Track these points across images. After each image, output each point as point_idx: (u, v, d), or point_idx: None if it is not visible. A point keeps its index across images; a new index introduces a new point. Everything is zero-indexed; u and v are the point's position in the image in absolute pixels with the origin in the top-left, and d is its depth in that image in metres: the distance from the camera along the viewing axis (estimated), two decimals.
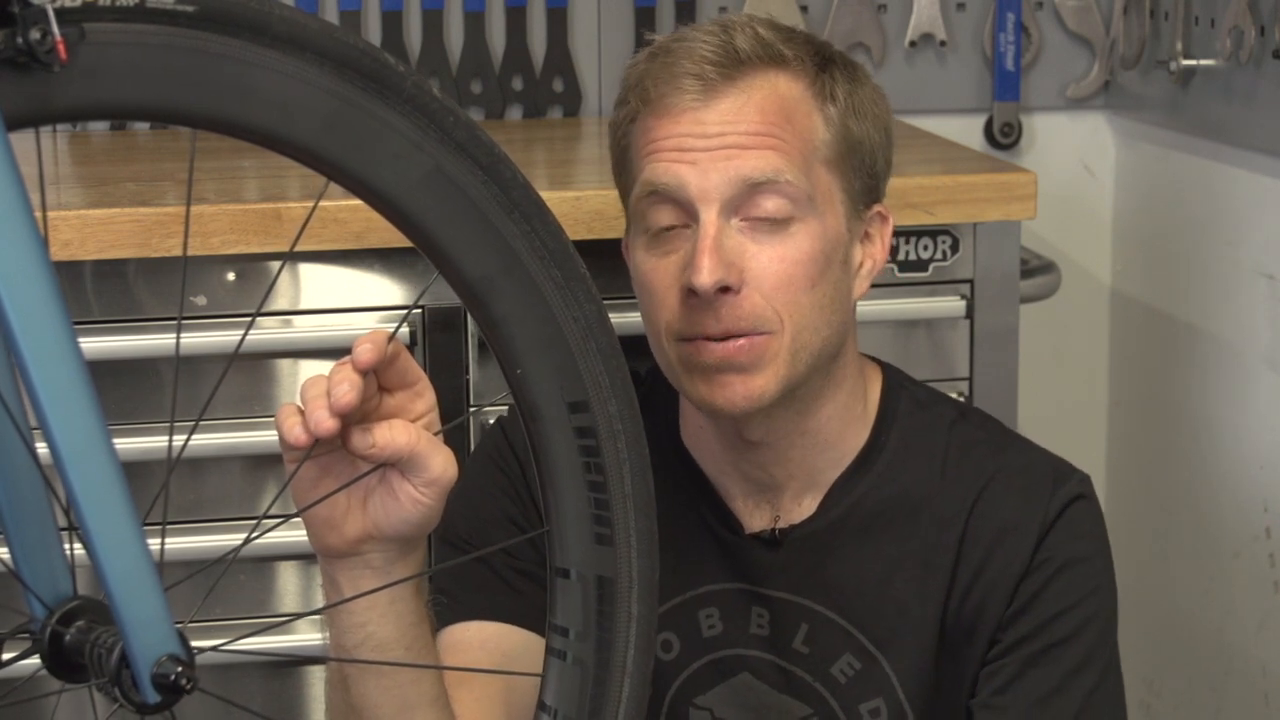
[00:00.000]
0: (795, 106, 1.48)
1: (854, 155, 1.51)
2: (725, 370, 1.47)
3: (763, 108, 1.47)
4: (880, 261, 1.56)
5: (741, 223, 1.46)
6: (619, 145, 1.53)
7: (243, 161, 2.04)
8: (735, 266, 1.45)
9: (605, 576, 1.17)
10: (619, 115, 1.53)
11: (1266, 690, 2.29)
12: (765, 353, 1.46)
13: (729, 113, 1.46)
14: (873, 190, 1.54)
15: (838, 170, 1.50)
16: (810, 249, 1.47)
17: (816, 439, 1.56)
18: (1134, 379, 2.63)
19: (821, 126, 1.49)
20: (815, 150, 1.48)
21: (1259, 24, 2.19)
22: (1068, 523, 1.54)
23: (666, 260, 1.48)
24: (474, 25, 2.46)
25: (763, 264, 1.46)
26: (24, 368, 0.90)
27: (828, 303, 1.49)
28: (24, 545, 0.98)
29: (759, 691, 1.59)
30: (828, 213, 1.49)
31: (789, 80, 1.49)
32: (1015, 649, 1.53)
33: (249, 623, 1.87)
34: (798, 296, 1.46)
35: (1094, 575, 1.55)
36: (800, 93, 1.49)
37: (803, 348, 1.48)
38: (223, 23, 0.96)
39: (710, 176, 1.45)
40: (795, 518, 1.57)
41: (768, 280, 1.46)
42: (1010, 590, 1.53)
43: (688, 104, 1.47)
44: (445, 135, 1.06)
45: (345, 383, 1.19)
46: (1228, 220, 2.36)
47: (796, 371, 1.48)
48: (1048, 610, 1.53)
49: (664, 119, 1.48)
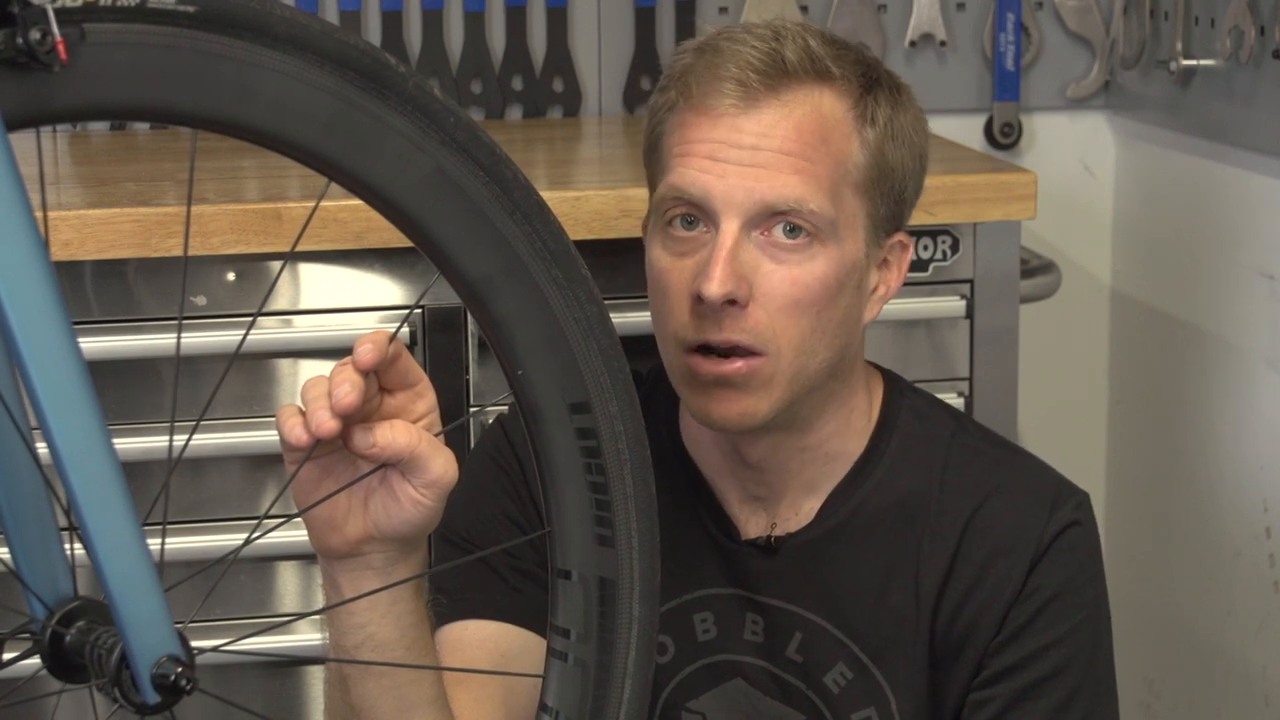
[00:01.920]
0: (834, 127, 1.46)
1: (885, 181, 1.49)
2: (720, 386, 1.46)
3: (801, 125, 1.45)
4: (894, 289, 1.54)
5: (761, 237, 1.45)
6: (654, 131, 1.52)
7: (243, 161, 2.04)
8: (746, 280, 1.44)
9: (606, 578, 1.16)
10: (658, 101, 1.51)
11: (1266, 690, 2.29)
12: (760, 374, 1.46)
13: (767, 125, 1.45)
14: (897, 217, 1.52)
15: (866, 195, 1.48)
16: (825, 274, 1.46)
17: (816, 454, 1.55)
18: (1134, 379, 2.63)
19: (858, 149, 1.47)
20: (846, 174, 1.47)
21: (1259, 24, 2.19)
22: (1061, 550, 1.53)
23: (682, 263, 1.47)
24: (474, 25, 2.46)
25: (774, 283, 1.45)
26: (24, 368, 0.90)
27: (833, 327, 1.48)
28: (24, 545, 0.98)
29: (752, 697, 1.59)
30: (849, 238, 1.47)
31: (833, 99, 1.47)
32: (1003, 679, 1.52)
33: (249, 623, 1.87)
34: (801, 320, 1.46)
35: (1084, 605, 1.54)
36: (842, 113, 1.47)
37: (800, 371, 1.47)
38: (223, 23, 0.96)
39: (735, 191, 1.44)
40: (792, 525, 1.57)
41: (776, 300, 1.45)
42: (1000, 615, 1.53)
43: (726, 108, 1.45)
44: (446, 136, 1.05)
45: (347, 383, 1.18)
46: (1228, 220, 2.36)
47: (792, 393, 1.48)
48: (1036, 642, 1.52)
49: (701, 119, 1.46)
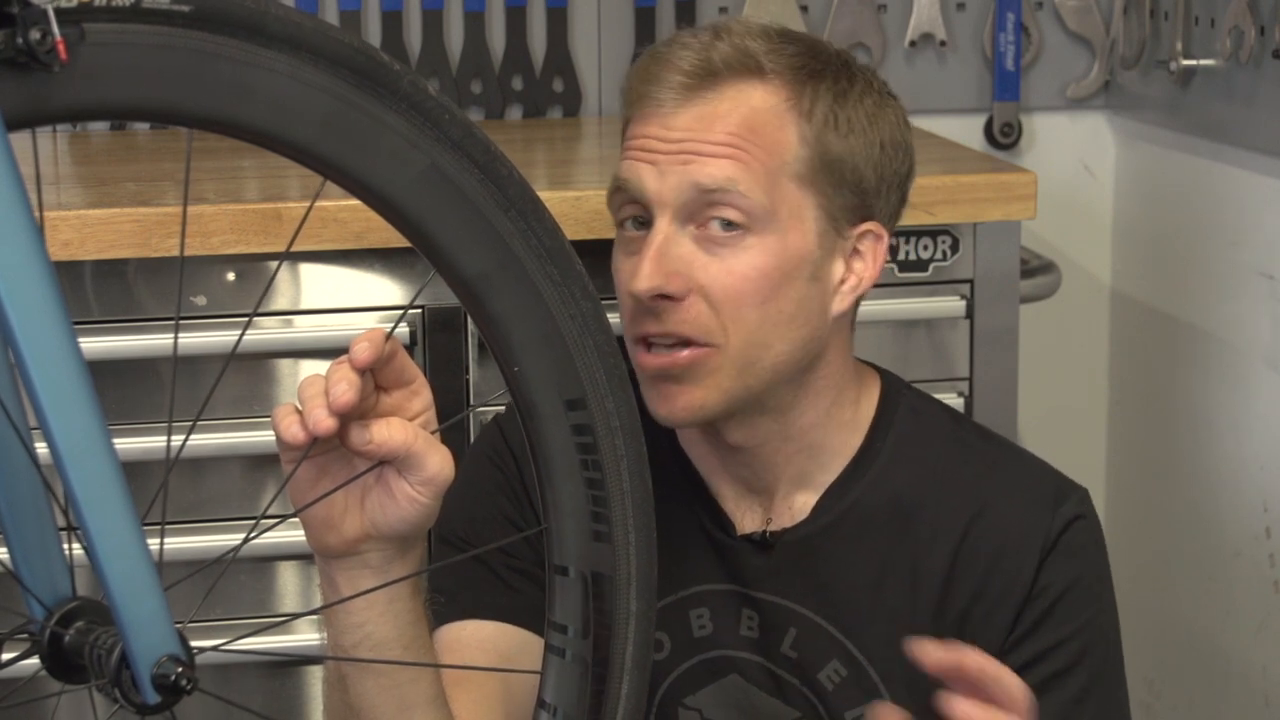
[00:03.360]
0: (765, 119, 1.47)
1: (831, 172, 1.49)
2: (664, 380, 1.47)
3: (728, 118, 1.46)
4: (869, 279, 1.53)
5: (697, 231, 1.46)
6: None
7: (243, 161, 2.05)
8: (679, 275, 1.45)
9: (603, 573, 1.17)
10: (622, 113, 1.55)
11: (1266, 691, 2.29)
12: (705, 366, 1.46)
13: (695, 120, 1.47)
14: (861, 208, 1.51)
15: (812, 186, 1.48)
16: (763, 264, 1.46)
17: (799, 444, 1.55)
18: (1134, 379, 2.63)
19: (795, 142, 1.48)
20: (784, 165, 1.47)
21: (1259, 24, 2.19)
22: (1069, 545, 1.53)
23: (629, 262, 1.48)
24: (474, 25, 2.46)
25: (711, 275, 1.46)
26: (24, 368, 0.90)
27: (784, 319, 1.47)
28: (23, 546, 0.98)
29: (748, 693, 1.59)
30: (791, 229, 1.47)
31: (764, 93, 1.48)
32: (1019, 676, 1.52)
33: (249, 623, 1.88)
34: (744, 311, 1.46)
35: (1095, 598, 1.54)
36: (773, 106, 1.48)
37: (752, 362, 1.47)
38: (219, 22, 0.96)
39: (667, 179, 1.46)
40: (787, 521, 1.57)
41: (714, 292, 1.45)
42: (1013, 615, 1.53)
43: (658, 107, 1.48)
44: (441, 133, 1.06)
45: (344, 381, 1.19)
46: (1228, 220, 2.36)
47: (745, 385, 1.47)
48: (1050, 638, 1.52)
49: (638, 120, 1.49)
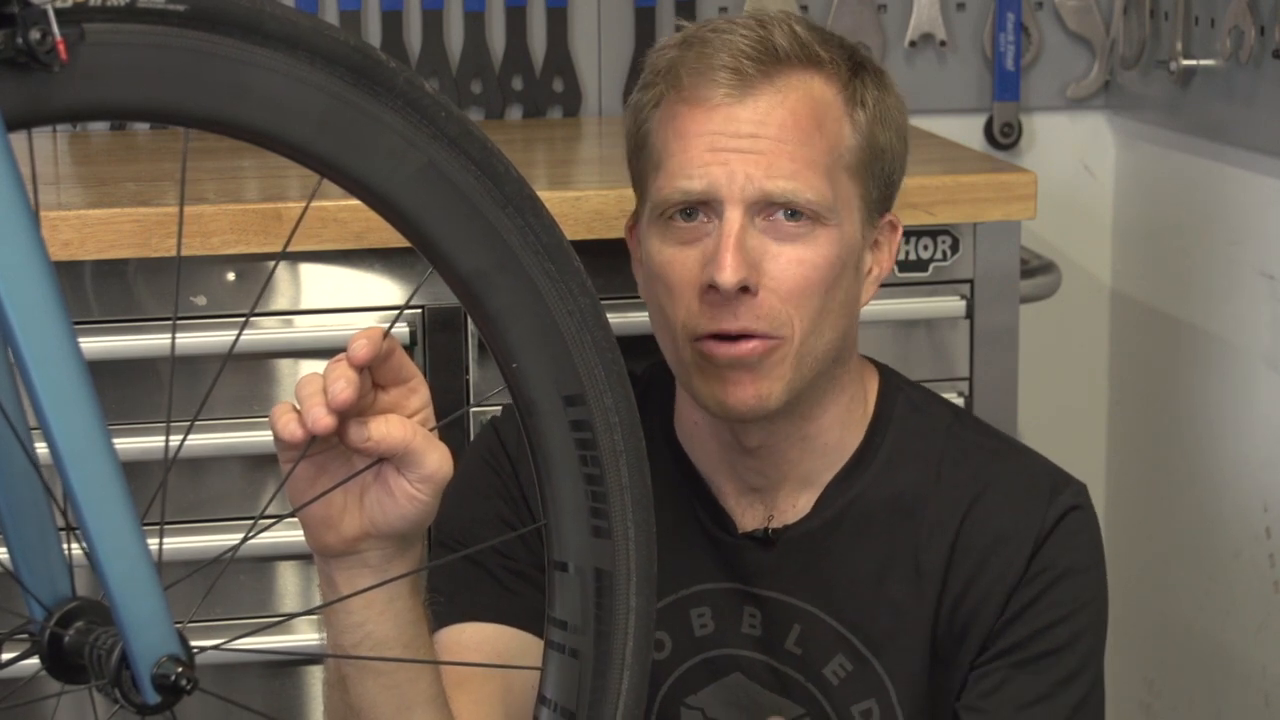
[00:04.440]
0: (827, 111, 1.48)
1: (876, 163, 1.51)
2: (736, 369, 1.46)
3: (795, 111, 1.46)
4: (886, 269, 1.56)
5: (764, 222, 1.46)
6: (639, 128, 1.51)
7: (242, 161, 2.04)
8: (756, 267, 1.45)
9: (603, 569, 1.17)
10: (642, 98, 1.51)
11: (1266, 690, 2.29)
12: (772, 356, 1.46)
13: (763, 112, 1.45)
14: (887, 199, 1.54)
15: (859, 177, 1.49)
16: (828, 255, 1.46)
17: (815, 443, 1.56)
18: (1134, 379, 2.63)
19: (850, 133, 1.49)
20: (840, 157, 1.48)
21: (1259, 24, 2.19)
22: (1064, 533, 1.54)
23: (685, 253, 1.47)
24: (474, 25, 2.46)
25: (781, 266, 1.45)
26: (24, 368, 0.90)
27: (837, 308, 1.49)
28: (23, 546, 0.98)
29: (751, 691, 1.59)
30: (846, 220, 1.48)
31: (823, 83, 1.48)
32: (1006, 654, 1.53)
33: (249, 622, 1.87)
34: (811, 301, 1.46)
35: (1089, 587, 1.55)
36: (833, 97, 1.48)
37: (809, 353, 1.48)
38: (215, 22, 0.96)
39: (737, 178, 1.44)
40: (789, 518, 1.57)
41: (785, 283, 1.45)
42: (1004, 599, 1.53)
43: (721, 98, 1.45)
44: (438, 131, 1.06)
45: (342, 379, 1.19)
46: (1228, 220, 2.36)
47: (801, 376, 1.48)
48: (1042, 619, 1.53)
49: (696, 110, 1.46)
